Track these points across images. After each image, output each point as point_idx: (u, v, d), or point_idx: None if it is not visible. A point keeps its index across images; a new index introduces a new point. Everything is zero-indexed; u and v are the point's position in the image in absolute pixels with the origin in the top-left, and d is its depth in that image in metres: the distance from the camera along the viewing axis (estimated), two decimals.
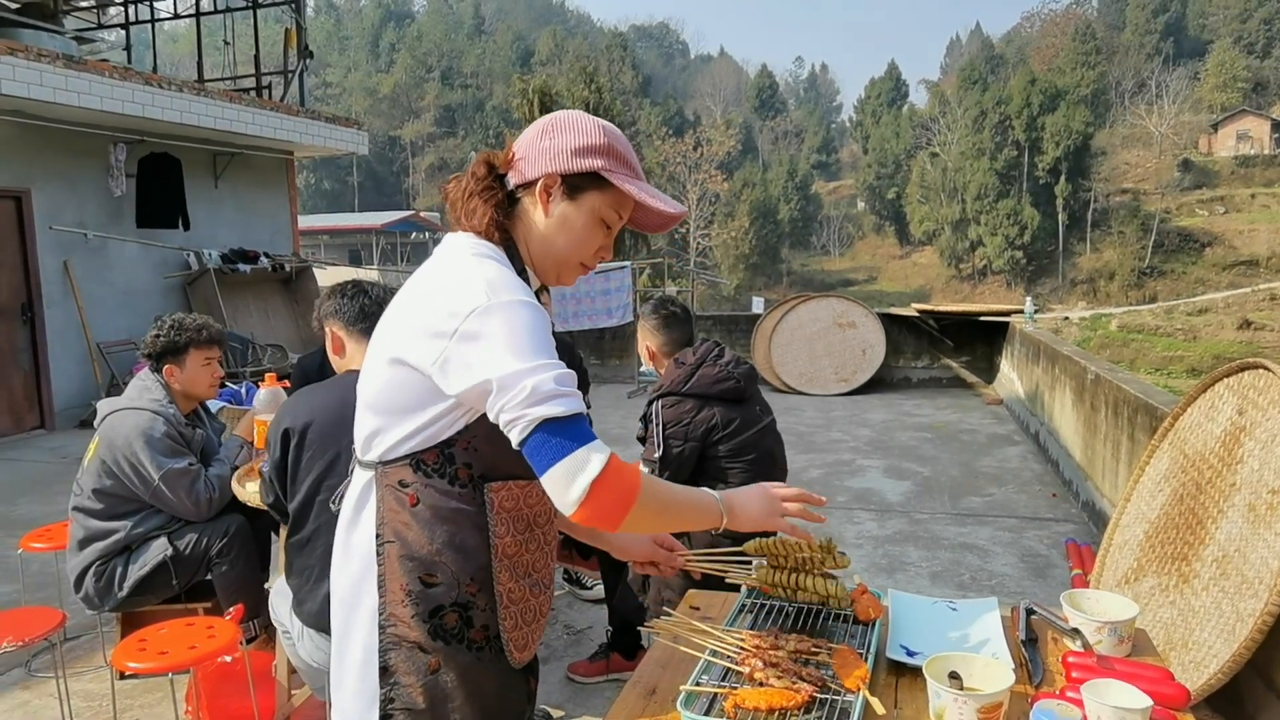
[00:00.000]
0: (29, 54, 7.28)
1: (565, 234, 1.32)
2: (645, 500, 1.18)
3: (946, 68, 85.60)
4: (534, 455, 1.13)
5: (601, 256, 1.38)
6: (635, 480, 1.17)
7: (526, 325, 1.17)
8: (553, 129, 1.32)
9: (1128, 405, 4.31)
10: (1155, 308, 38.71)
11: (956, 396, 9.59)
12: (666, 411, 2.78)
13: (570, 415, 1.13)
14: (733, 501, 1.37)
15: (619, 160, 1.32)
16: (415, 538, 1.27)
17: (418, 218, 43.34)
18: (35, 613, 2.69)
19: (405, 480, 1.27)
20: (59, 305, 8.44)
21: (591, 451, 1.13)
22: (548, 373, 1.14)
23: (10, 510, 5.55)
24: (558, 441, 1.12)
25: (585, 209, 1.32)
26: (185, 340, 3.07)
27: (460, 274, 1.24)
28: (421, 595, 1.27)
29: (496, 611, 1.30)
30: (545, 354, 1.16)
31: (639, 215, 1.39)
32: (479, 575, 1.28)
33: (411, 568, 1.27)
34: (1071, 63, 58.57)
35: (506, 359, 1.14)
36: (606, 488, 1.13)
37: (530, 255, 1.35)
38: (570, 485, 1.12)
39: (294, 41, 11.16)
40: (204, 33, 11.64)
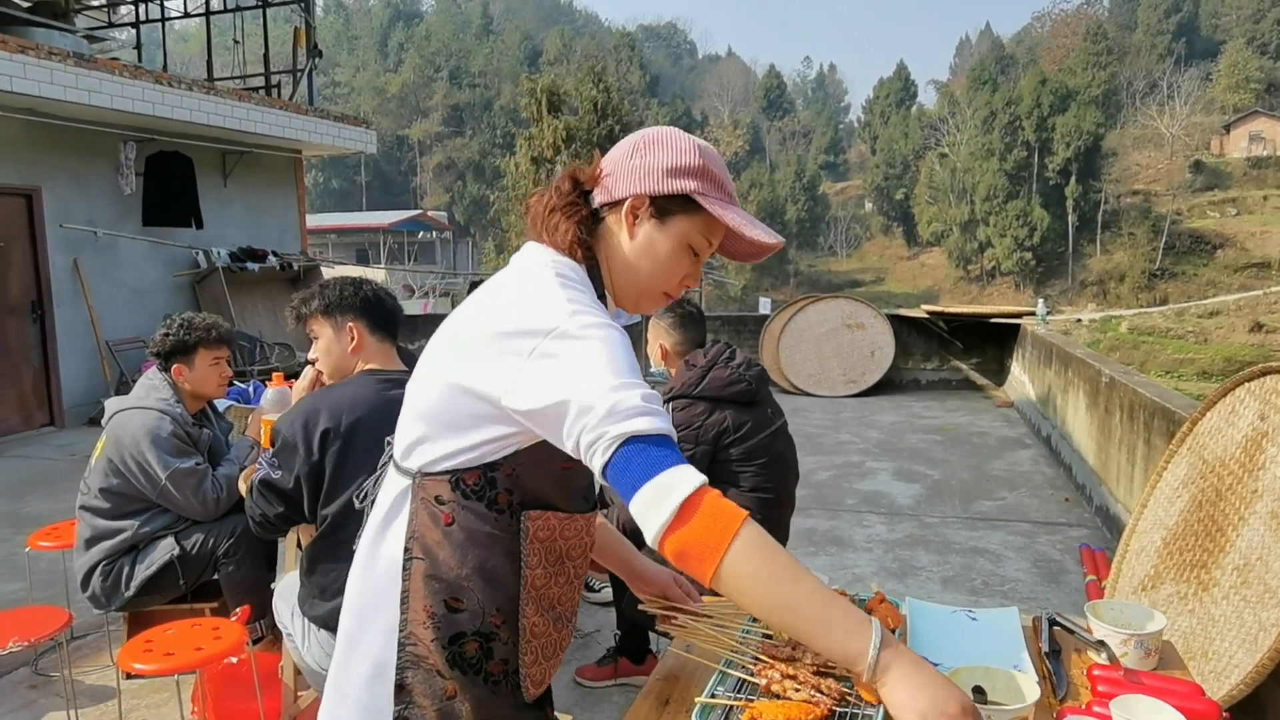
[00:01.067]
0: (40, 52, 7.29)
1: (649, 260, 1.24)
2: (747, 549, 0.98)
3: (956, 68, 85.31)
4: (619, 477, 1.01)
5: (686, 285, 1.29)
6: (737, 517, 0.99)
7: (610, 347, 1.08)
8: (644, 146, 1.23)
9: (1144, 409, 4.26)
10: (1166, 310, 38.48)
11: (966, 399, 9.53)
12: (677, 414, 2.75)
13: (658, 433, 1.02)
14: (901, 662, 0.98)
15: (713, 183, 1.23)
16: (445, 558, 1.21)
17: (425, 217, 43.39)
18: (42, 612, 2.67)
19: (442, 497, 1.21)
20: (68, 303, 8.45)
21: (684, 472, 1.00)
22: (634, 390, 1.04)
23: (19, 507, 5.55)
24: (643, 461, 1.00)
25: (673, 234, 1.23)
26: (194, 340, 3.05)
27: (540, 293, 1.15)
28: (445, 619, 1.21)
29: (518, 646, 1.25)
30: (629, 374, 1.07)
31: (730, 243, 1.29)
32: (505, 607, 1.23)
33: (437, 589, 1.21)
34: (1082, 63, 58.36)
35: (586, 379, 1.05)
36: (697, 519, 0.98)
37: (611, 278, 1.27)
38: (658, 505, 0.98)
39: (303, 41, 11.17)
40: (214, 32, 11.66)
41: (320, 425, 2.14)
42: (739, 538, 0.98)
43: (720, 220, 1.22)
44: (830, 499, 5.56)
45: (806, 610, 0.99)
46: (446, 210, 56.05)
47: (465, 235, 54.62)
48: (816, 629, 0.99)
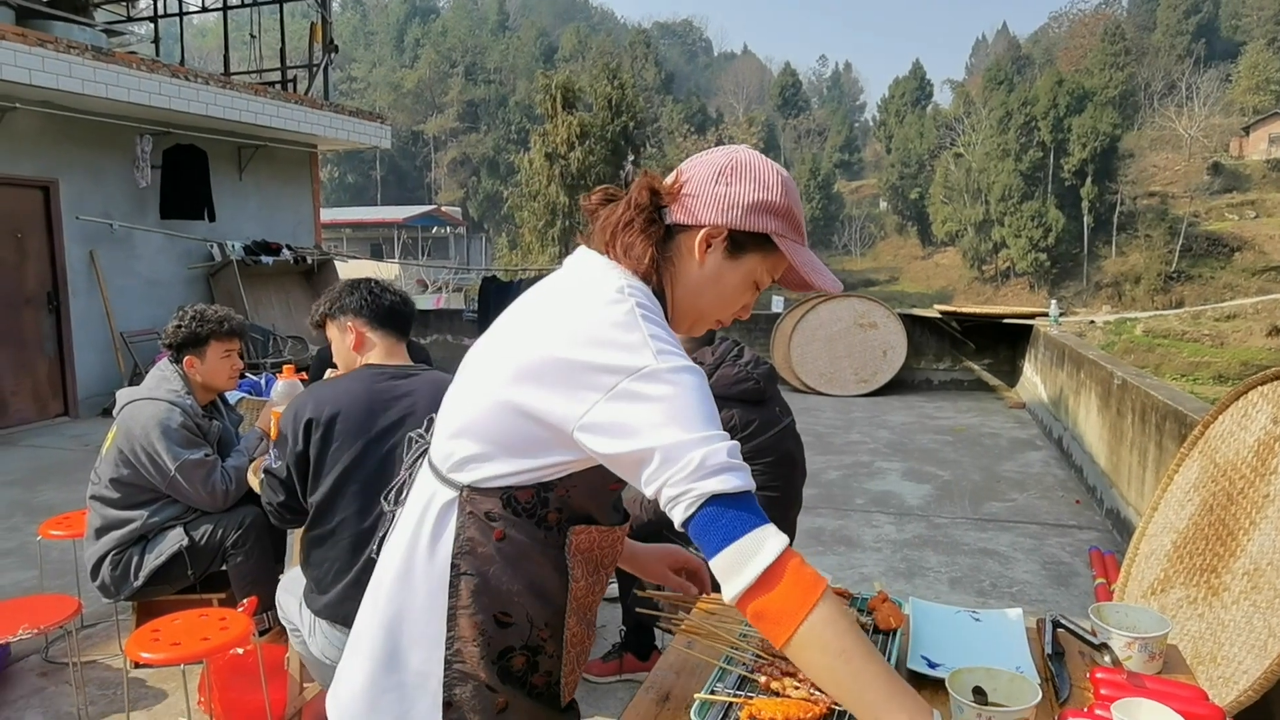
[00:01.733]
0: (59, 46, 7.35)
1: (715, 290, 1.22)
2: (824, 618, 0.99)
3: (972, 68, 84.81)
4: (702, 535, 1.01)
5: (740, 316, 1.28)
6: (819, 585, 1.01)
7: (695, 394, 1.06)
8: (731, 174, 1.19)
9: (1156, 412, 4.22)
10: (1182, 313, 38.16)
11: (978, 399, 9.49)
12: None
13: (743, 492, 1.02)
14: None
15: (792, 224, 1.21)
16: (497, 573, 1.19)
17: (439, 212, 43.49)
18: (52, 600, 2.70)
19: (493, 514, 1.18)
20: (84, 294, 8.52)
21: (768, 534, 1.01)
22: (719, 443, 1.02)
23: (32, 497, 5.60)
24: (730, 518, 1.00)
25: (743, 270, 1.21)
26: (206, 332, 3.07)
27: (622, 324, 1.09)
28: (494, 635, 1.19)
29: (561, 658, 1.25)
30: (714, 425, 1.05)
31: (788, 274, 1.27)
32: (553, 621, 1.23)
33: (487, 604, 1.19)
34: (1100, 64, 57.87)
35: (673, 428, 1.02)
36: (782, 577, 0.99)
37: (674, 300, 1.23)
38: (741, 568, 0.99)
39: (319, 36, 11.21)
40: (231, 26, 11.71)
41: (305, 416, 2.21)
42: (816, 610, 0.99)
43: (791, 263, 1.21)
44: (839, 498, 5.54)
45: (870, 695, 1.00)
46: (460, 206, 56.17)
47: (479, 231, 54.74)
48: (880, 713, 0.99)
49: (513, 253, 32.64)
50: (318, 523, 2.25)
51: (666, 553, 1.57)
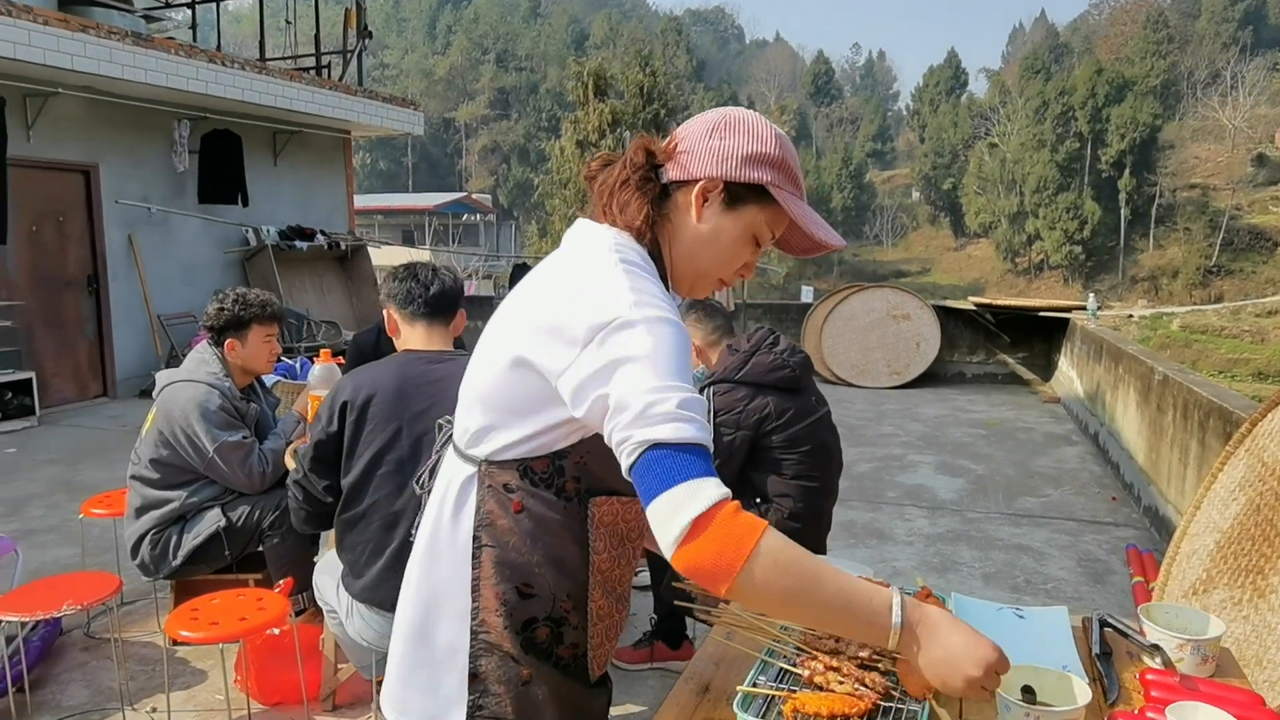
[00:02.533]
0: (100, 31, 7.45)
1: (714, 246, 1.21)
2: (763, 563, 0.95)
3: (1009, 56, 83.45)
4: (640, 482, 1.00)
5: (742, 275, 1.27)
6: (754, 532, 0.96)
7: (664, 345, 1.05)
8: (724, 128, 1.19)
9: (1199, 409, 4.14)
10: (1221, 308, 37.40)
11: (1012, 393, 9.37)
12: (718, 399, 2.73)
13: (684, 442, 0.99)
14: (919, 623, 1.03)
15: (789, 176, 1.21)
16: (516, 545, 1.20)
17: (470, 200, 43.64)
18: (95, 577, 2.74)
19: (511, 485, 1.20)
20: (123, 277, 8.66)
21: (702, 485, 0.97)
22: (670, 394, 1.00)
23: (73, 475, 5.71)
24: (664, 469, 0.98)
25: (742, 222, 1.20)
26: (249, 315, 3.10)
27: (604, 281, 1.11)
28: (517, 606, 1.21)
29: (587, 629, 1.25)
30: (676, 377, 1.03)
31: (790, 236, 1.27)
32: (575, 593, 1.23)
33: (509, 575, 1.20)
34: (1141, 52, 56.67)
35: (632, 377, 1.02)
36: (710, 534, 0.95)
37: (671, 260, 1.23)
38: (671, 519, 0.96)
39: (354, 22, 11.26)
40: (266, 12, 11.79)
41: (341, 399, 2.26)
42: (752, 558, 0.95)
43: (789, 215, 1.19)
44: (871, 491, 5.50)
45: (825, 616, 1.01)
46: (491, 193, 56.31)
47: (509, 218, 54.86)
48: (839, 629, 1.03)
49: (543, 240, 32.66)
50: (350, 505, 2.29)
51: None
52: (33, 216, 7.86)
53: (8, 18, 6.69)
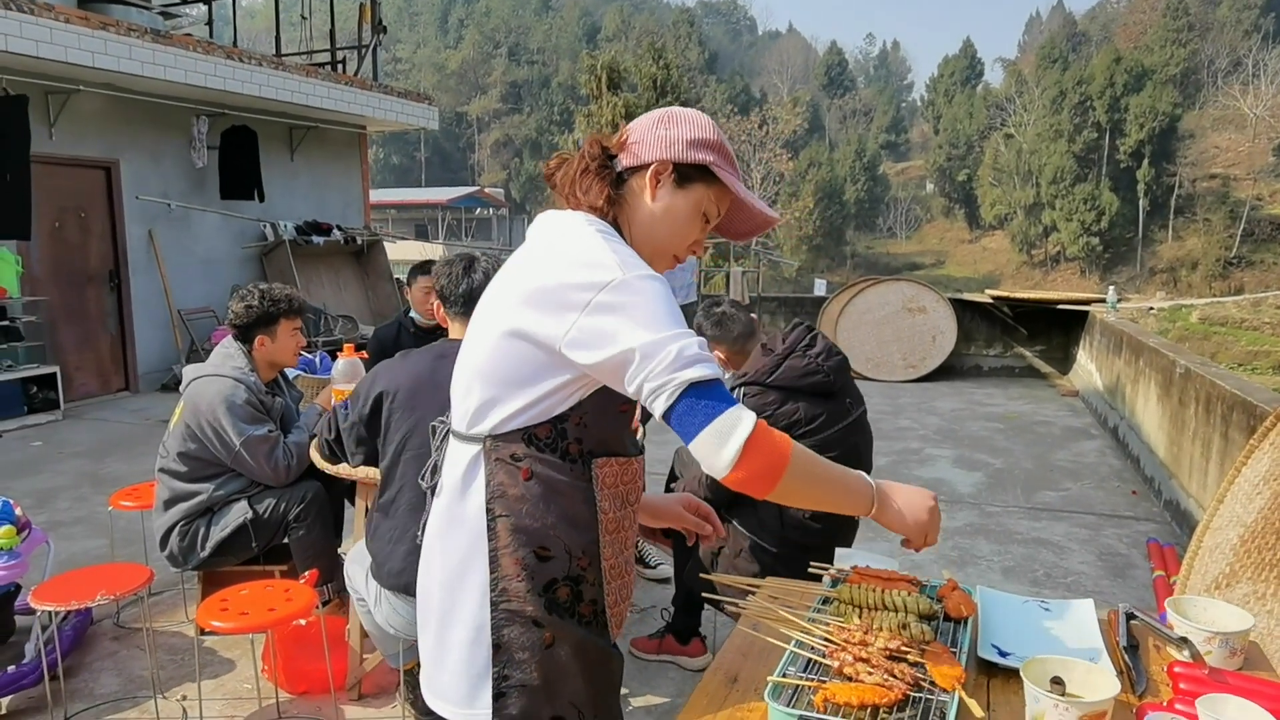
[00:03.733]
0: (120, 29, 7.51)
1: (668, 222, 1.34)
2: (796, 468, 1.17)
3: (1025, 46, 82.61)
4: (682, 420, 1.14)
5: (694, 250, 1.39)
6: (786, 445, 1.17)
7: (661, 298, 1.19)
8: (669, 120, 1.34)
9: (1222, 402, 4.12)
10: (1241, 300, 36.91)
11: (1030, 386, 9.33)
12: (749, 400, 2.68)
13: (715, 379, 1.15)
14: (888, 496, 1.30)
15: (727, 159, 1.35)
16: (529, 510, 1.28)
17: (483, 194, 43.71)
18: (126, 568, 2.79)
19: (518, 454, 1.27)
20: (143, 272, 8.74)
21: (741, 412, 1.14)
22: (690, 339, 1.16)
23: (98, 468, 5.78)
24: (707, 404, 1.13)
25: (691, 200, 1.34)
26: (278, 311, 3.14)
27: (587, 247, 1.24)
28: (536, 569, 1.27)
29: (602, 586, 1.32)
30: (680, 324, 1.18)
31: (731, 221, 1.42)
32: (589, 549, 1.30)
33: (525, 540, 1.27)
34: (1160, 40, 55.97)
35: (645, 330, 1.15)
36: (760, 449, 1.14)
37: (631, 239, 1.34)
38: (723, 446, 1.13)
39: (369, 17, 11.30)
40: (280, 8, 11.84)
41: (378, 388, 2.40)
42: (789, 468, 1.17)
43: (731, 190, 1.34)
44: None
45: (835, 498, 1.27)
46: (503, 187, 56.36)
47: (521, 212, 54.91)
48: (843, 501, 1.28)
49: None
50: (383, 490, 2.38)
51: (679, 498, 1.66)
52: (55, 213, 7.95)
53: (30, 16, 6.76)
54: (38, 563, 3.27)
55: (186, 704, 2.83)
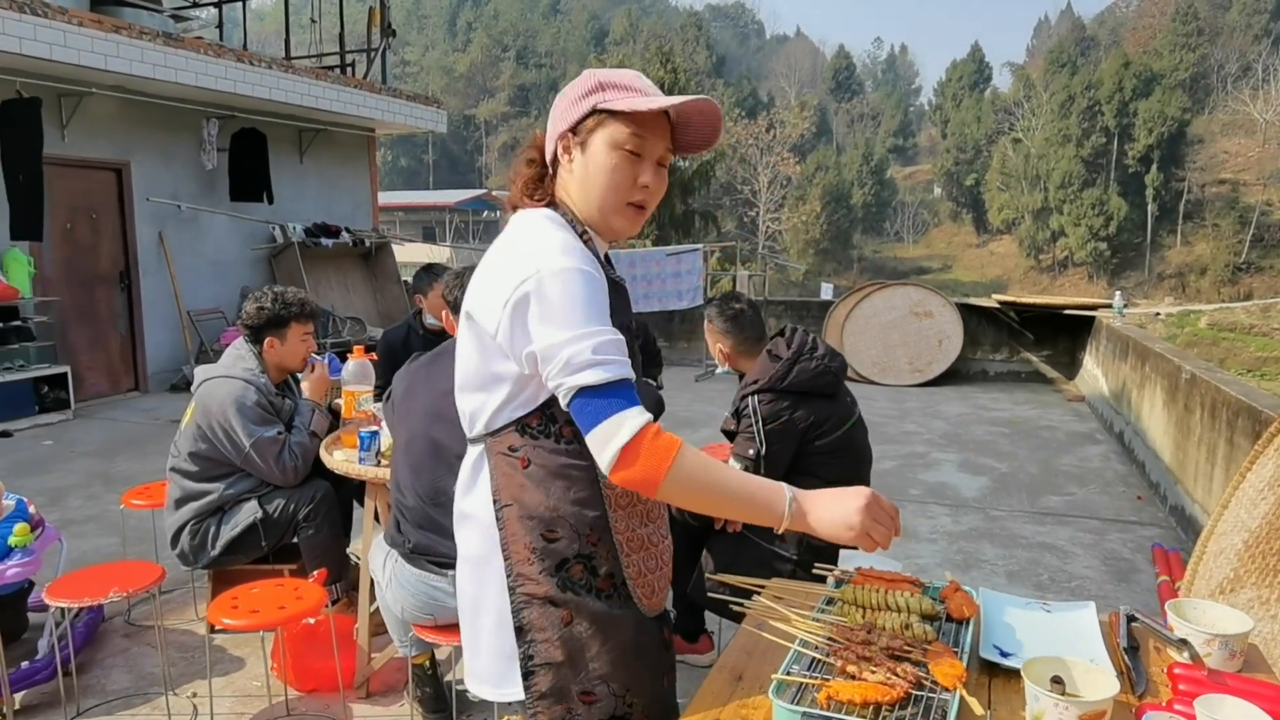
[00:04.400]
0: (132, 32, 7.57)
1: (591, 179, 1.33)
2: (680, 474, 1.19)
3: (1033, 50, 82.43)
4: (576, 420, 1.21)
5: (646, 189, 1.34)
6: (670, 450, 1.18)
7: (572, 294, 1.21)
8: (557, 100, 1.38)
9: (1227, 407, 4.12)
10: (1250, 305, 36.77)
11: (1035, 391, 9.32)
12: (764, 407, 2.68)
13: (605, 383, 1.18)
14: (809, 506, 1.25)
15: (616, 89, 1.31)
16: (532, 498, 1.32)
17: (490, 196, 43.78)
18: (138, 566, 2.82)
19: (514, 445, 1.33)
20: (153, 274, 8.80)
21: (625, 418, 1.17)
22: (585, 342, 1.19)
23: (109, 467, 5.83)
24: (592, 408, 1.18)
25: (599, 146, 1.32)
26: (289, 314, 3.16)
27: (516, 244, 1.30)
28: (546, 551, 1.32)
29: (619, 559, 1.35)
30: (586, 323, 1.20)
31: (682, 134, 1.36)
32: (597, 525, 1.33)
33: (532, 526, 1.32)
34: (1170, 44, 55.83)
35: (548, 330, 1.20)
36: (637, 454, 1.17)
37: (579, 215, 1.37)
38: (604, 449, 1.18)
39: (378, 20, 11.36)
40: (289, 11, 11.91)
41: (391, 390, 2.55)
42: (670, 473, 1.18)
43: (632, 111, 1.29)
44: (894, 489, 5.51)
45: (732, 507, 1.26)
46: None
47: None
48: (743, 512, 1.26)
49: None
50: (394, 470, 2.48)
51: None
52: (67, 214, 8.01)
53: (44, 19, 6.82)
54: (50, 560, 3.30)
55: (197, 700, 2.86)
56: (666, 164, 1.37)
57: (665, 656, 1.46)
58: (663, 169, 1.36)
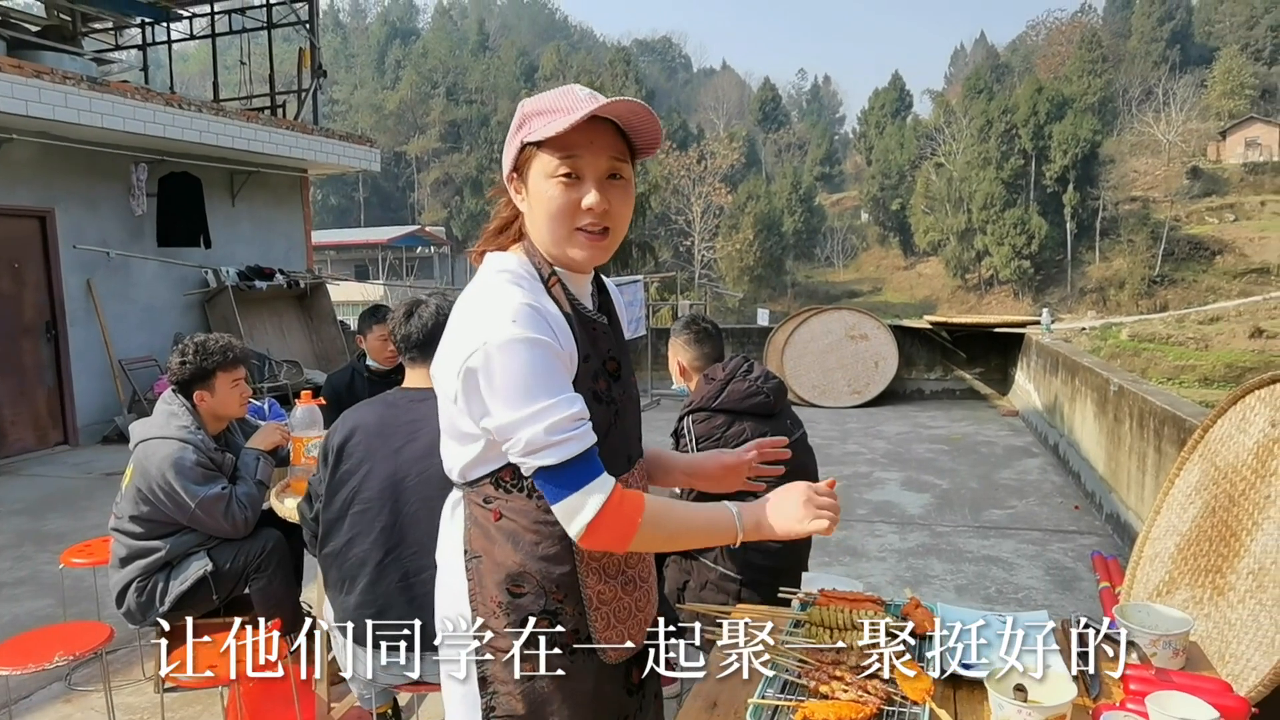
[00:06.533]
0: (54, 76, 7.39)
1: (536, 213, 1.31)
2: (645, 530, 1.26)
3: (951, 78, 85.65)
4: (542, 492, 1.26)
5: (593, 210, 1.28)
6: (635, 512, 1.25)
7: (518, 369, 1.21)
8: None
9: (1154, 417, 4.32)
10: (1166, 316, 38.57)
11: (971, 408, 9.60)
12: (698, 426, 2.79)
13: (563, 463, 1.21)
14: (756, 516, 1.35)
15: (539, 116, 1.28)
16: (501, 551, 1.33)
17: (423, 232, 43.54)
18: (83, 627, 2.73)
19: (489, 497, 1.34)
20: (82, 323, 8.52)
21: (587, 495, 1.22)
22: (538, 424, 1.20)
23: (40, 525, 5.60)
24: (555, 485, 1.23)
25: (535, 181, 1.30)
26: (213, 365, 3.05)
27: (470, 306, 1.30)
28: (511, 605, 1.32)
29: (586, 615, 1.35)
30: (536, 399, 1.20)
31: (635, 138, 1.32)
32: (564, 582, 1.33)
33: (500, 580, 1.33)
34: (1078, 71, 58.60)
35: (500, 408, 1.22)
36: (604, 526, 1.23)
37: (539, 251, 1.35)
38: (571, 522, 1.23)
39: (308, 61, 11.28)
40: (217, 52, 11.77)
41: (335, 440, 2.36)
42: (639, 531, 1.25)
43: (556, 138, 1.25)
44: (842, 509, 5.59)
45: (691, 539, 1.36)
46: (444, 225, 56.17)
47: (463, 250, 54.57)
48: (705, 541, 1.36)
49: None
50: (327, 541, 2.34)
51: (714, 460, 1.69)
52: None
53: None
54: None
55: None
56: (623, 175, 1.30)
57: (629, 702, 1.44)
58: (616, 183, 1.29)
